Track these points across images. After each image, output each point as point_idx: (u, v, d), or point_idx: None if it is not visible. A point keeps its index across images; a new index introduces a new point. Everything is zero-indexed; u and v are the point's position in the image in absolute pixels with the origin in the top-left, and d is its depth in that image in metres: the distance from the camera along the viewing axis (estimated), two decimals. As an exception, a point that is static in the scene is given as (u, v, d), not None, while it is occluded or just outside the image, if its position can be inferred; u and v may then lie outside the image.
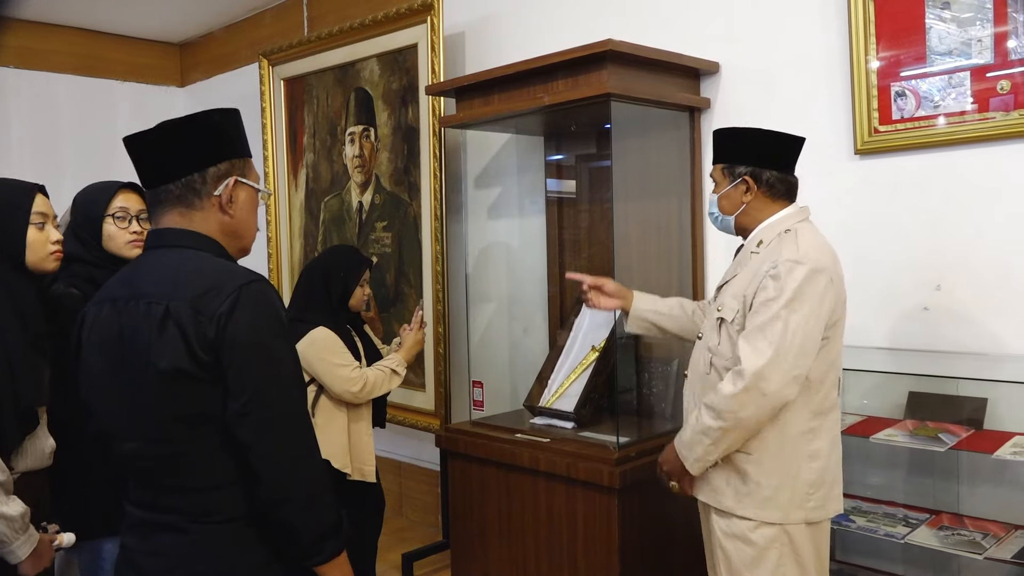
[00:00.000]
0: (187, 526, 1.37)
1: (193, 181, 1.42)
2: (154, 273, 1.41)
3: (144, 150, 1.44)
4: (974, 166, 2.40)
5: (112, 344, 1.39)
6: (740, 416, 1.92)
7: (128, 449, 1.40)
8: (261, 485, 1.36)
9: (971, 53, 2.37)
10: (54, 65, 5.17)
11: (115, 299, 1.42)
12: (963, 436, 2.25)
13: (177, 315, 1.32)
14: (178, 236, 1.43)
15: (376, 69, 3.87)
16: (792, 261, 1.92)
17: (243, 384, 1.33)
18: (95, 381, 1.44)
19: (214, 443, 1.36)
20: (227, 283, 1.35)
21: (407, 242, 3.76)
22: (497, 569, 2.97)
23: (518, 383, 3.45)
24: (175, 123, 1.43)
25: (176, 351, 1.32)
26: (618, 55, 2.61)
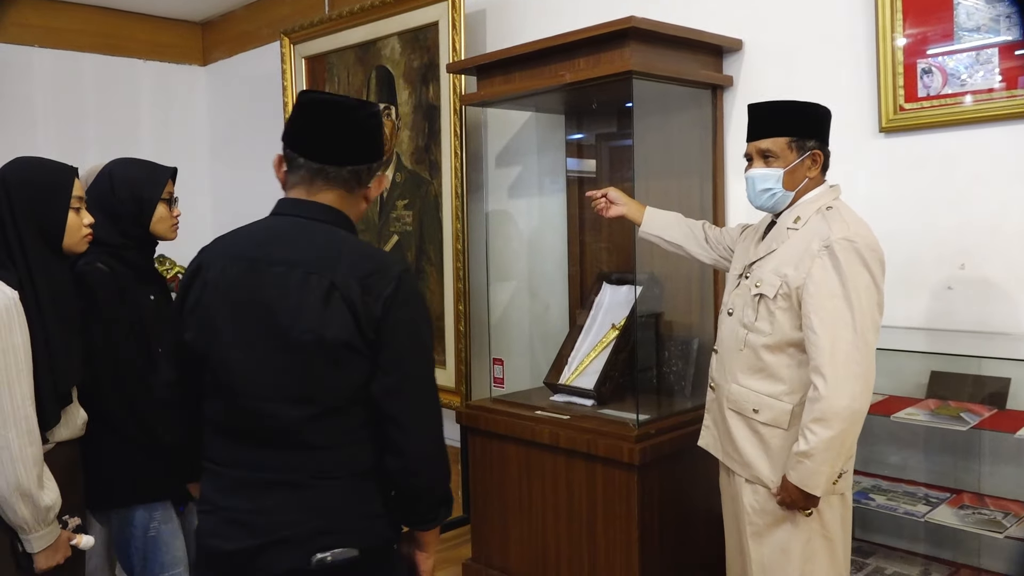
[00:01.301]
0: (311, 482, 1.44)
1: (361, 171, 1.52)
2: (306, 243, 1.46)
3: (324, 121, 1.48)
4: (1001, 144, 2.37)
5: (253, 303, 1.44)
6: (853, 409, 1.86)
7: (259, 407, 1.44)
8: (401, 455, 1.46)
9: (999, 29, 2.33)
10: (78, 44, 5.20)
11: (254, 259, 1.46)
12: (985, 416, 2.24)
13: (345, 290, 1.40)
14: (332, 215, 1.50)
15: (397, 47, 3.86)
16: (847, 239, 1.90)
17: (398, 362, 1.44)
18: (225, 335, 1.46)
19: (351, 409, 1.45)
20: (390, 267, 1.46)
21: (428, 220, 3.77)
22: (517, 545, 3.01)
23: (538, 361, 3.47)
24: (366, 110, 1.52)
25: (344, 324, 1.40)
26: (640, 32, 2.60)
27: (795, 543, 2.00)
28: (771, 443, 2.01)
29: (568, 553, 2.83)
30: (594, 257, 3.42)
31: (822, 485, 1.91)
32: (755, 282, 2.06)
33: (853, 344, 1.87)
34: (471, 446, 3.18)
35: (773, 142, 2.04)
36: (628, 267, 3.18)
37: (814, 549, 2.00)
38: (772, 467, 2.01)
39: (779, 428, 2.00)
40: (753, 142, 2.08)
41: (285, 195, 1.54)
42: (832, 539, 2.02)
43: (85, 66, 5.24)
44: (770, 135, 2.04)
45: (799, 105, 2.09)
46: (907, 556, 2.49)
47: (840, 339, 1.87)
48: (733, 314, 2.14)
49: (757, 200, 2.09)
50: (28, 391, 1.73)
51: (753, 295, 2.05)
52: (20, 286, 1.75)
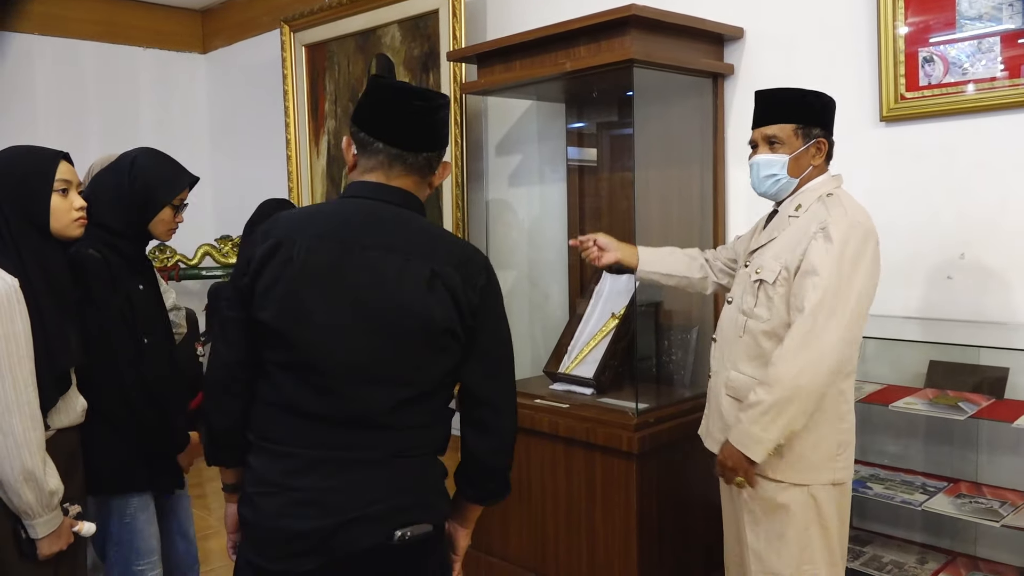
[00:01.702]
0: (391, 461, 1.46)
1: (432, 159, 1.54)
2: (398, 228, 1.48)
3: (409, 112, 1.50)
4: (1002, 134, 2.37)
5: (345, 284, 1.44)
6: (799, 383, 1.87)
7: (347, 389, 1.45)
8: (493, 435, 1.54)
9: (1002, 18, 2.33)
10: (78, 32, 5.19)
11: (346, 240, 1.46)
12: (983, 405, 2.25)
13: (446, 279, 1.44)
14: (411, 200, 1.53)
15: (397, 35, 3.85)
16: (847, 224, 1.92)
17: (491, 348, 1.52)
18: (310, 315, 1.44)
19: (442, 392, 1.50)
20: (478, 256, 1.53)
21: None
22: (516, 533, 3.02)
23: (538, 349, 3.48)
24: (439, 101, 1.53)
25: (447, 311, 1.44)
26: (641, 20, 2.59)
27: (791, 531, 2.01)
28: None
29: (567, 541, 2.84)
30: (594, 246, 3.41)
31: (752, 448, 1.93)
32: (755, 268, 2.07)
33: (827, 325, 1.87)
34: (471, 434, 3.18)
35: (780, 128, 2.04)
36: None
37: (811, 537, 2.01)
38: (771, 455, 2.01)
39: None
40: (759, 128, 2.09)
41: (355, 178, 1.55)
42: (828, 527, 2.03)
43: (85, 54, 5.23)
44: (776, 121, 2.05)
45: (806, 93, 2.09)
46: (904, 544, 2.50)
47: (818, 317, 1.88)
48: (733, 302, 2.15)
49: (761, 186, 2.09)
50: (30, 377, 1.74)
51: (753, 281, 2.06)
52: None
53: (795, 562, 2.01)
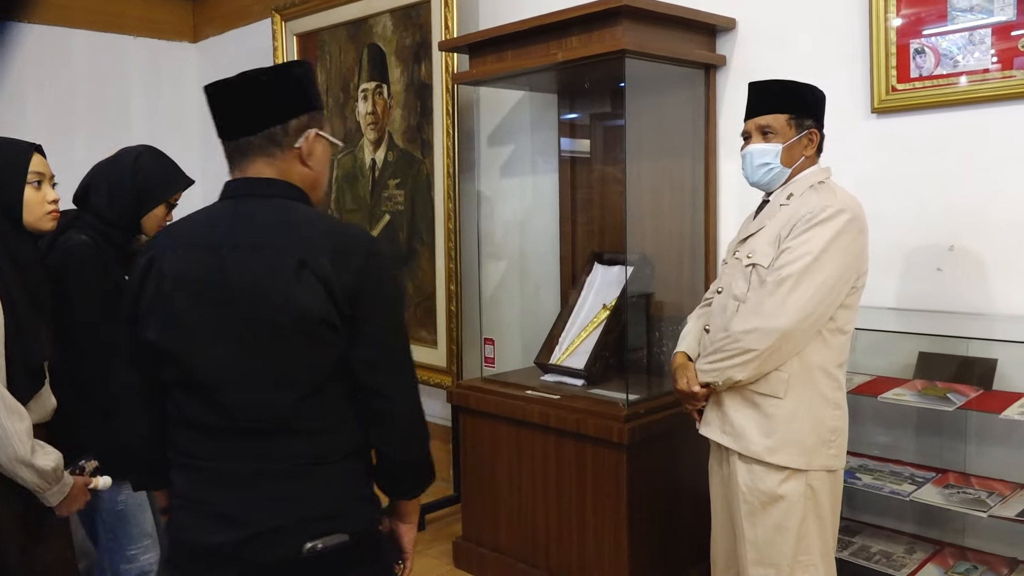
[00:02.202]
0: (297, 470, 1.40)
1: (275, 133, 1.44)
2: (265, 222, 1.41)
3: (226, 100, 1.45)
4: (993, 126, 2.37)
5: (216, 292, 1.38)
6: (747, 345, 1.96)
7: (234, 398, 1.39)
8: (386, 426, 1.45)
9: (993, 10, 2.33)
10: (68, 20, 5.15)
11: (213, 245, 1.40)
12: (972, 396, 2.25)
13: (315, 267, 1.36)
14: (275, 186, 1.44)
15: (389, 25, 3.84)
16: (833, 208, 1.95)
17: (377, 335, 1.42)
18: (189, 329, 1.40)
19: (331, 389, 1.42)
20: (359, 238, 1.43)
21: (420, 200, 3.76)
22: (507, 523, 3.02)
23: (529, 340, 3.48)
24: (258, 74, 1.44)
25: (320, 301, 1.36)
26: (633, 11, 2.58)
27: (790, 522, 2.01)
28: (767, 411, 2.02)
29: (557, 531, 2.85)
30: (586, 237, 3.41)
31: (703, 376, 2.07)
32: (747, 253, 2.09)
33: (788, 296, 1.92)
34: (462, 425, 3.19)
35: (773, 118, 2.07)
36: (620, 247, 3.17)
37: (808, 528, 2.02)
38: (767, 437, 2.02)
39: (775, 397, 2.01)
40: (752, 119, 2.11)
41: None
42: (824, 517, 2.04)
43: (75, 42, 5.19)
44: (770, 111, 2.08)
45: (798, 85, 2.11)
46: (893, 535, 2.51)
47: (782, 286, 1.92)
48: (723, 291, 2.16)
49: (754, 175, 2.11)
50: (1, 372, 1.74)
51: (745, 265, 2.08)
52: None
53: (793, 553, 2.02)
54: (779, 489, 2.01)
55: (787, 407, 2.00)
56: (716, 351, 2.04)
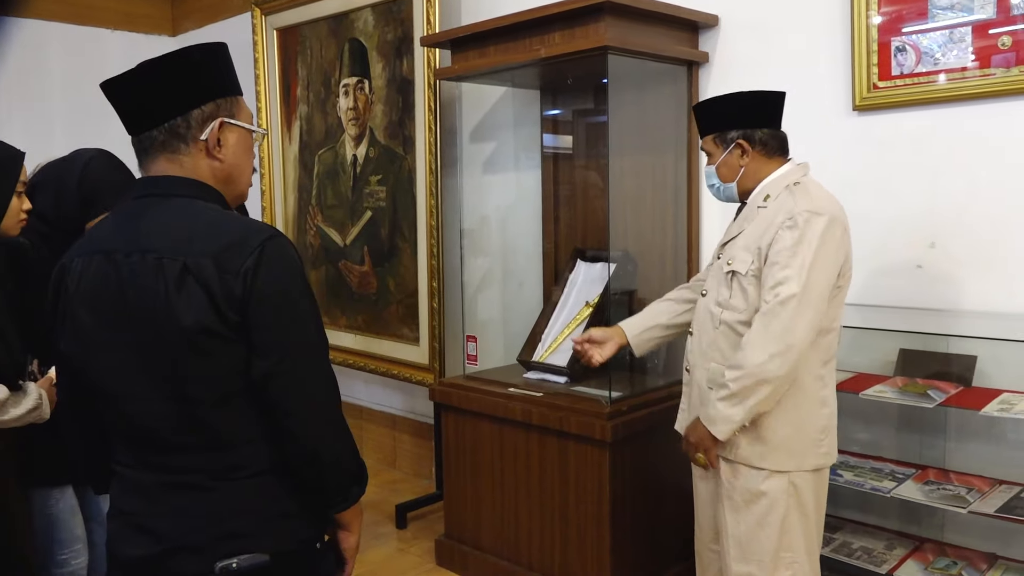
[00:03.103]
0: (211, 484, 1.33)
1: (176, 125, 1.34)
2: (157, 225, 1.32)
3: (124, 95, 1.35)
4: (973, 123, 2.38)
5: (111, 299, 1.31)
6: (767, 370, 1.91)
7: (136, 409, 1.33)
8: (294, 442, 1.35)
9: (973, 8, 2.33)
10: (43, 12, 5.06)
11: (109, 251, 1.32)
12: (952, 393, 2.27)
13: (198, 272, 1.26)
14: (175, 184, 1.35)
15: (370, 19, 3.80)
16: (810, 212, 1.94)
17: (272, 343, 1.30)
18: (89, 338, 1.34)
19: (238, 401, 1.32)
20: (249, 238, 1.30)
21: (401, 196, 3.74)
22: (489, 521, 3.01)
23: (512, 338, 3.47)
24: (152, 64, 1.33)
25: (201, 309, 1.26)
26: (615, 7, 2.57)
27: (773, 517, 2.01)
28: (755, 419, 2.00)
29: (540, 529, 2.84)
30: (569, 234, 3.40)
31: (718, 427, 1.99)
32: (727, 260, 2.08)
33: (794, 314, 1.90)
34: (444, 423, 3.17)
35: (704, 142, 2.17)
36: (603, 244, 3.17)
37: (791, 523, 2.02)
38: (754, 444, 2.01)
39: None
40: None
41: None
42: (807, 514, 2.04)
43: (51, 35, 5.11)
44: (702, 135, 2.17)
45: (716, 101, 2.16)
46: (874, 531, 2.53)
47: (786, 306, 1.91)
48: (708, 294, 2.15)
49: (712, 194, 2.22)
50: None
51: (725, 272, 2.08)
52: None
53: (775, 549, 2.02)
54: (762, 486, 2.01)
55: (775, 413, 1.99)
56: (734, 394, 1.95)
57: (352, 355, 4.05)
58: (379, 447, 4.45)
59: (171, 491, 1.34)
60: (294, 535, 1.39)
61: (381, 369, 3.93)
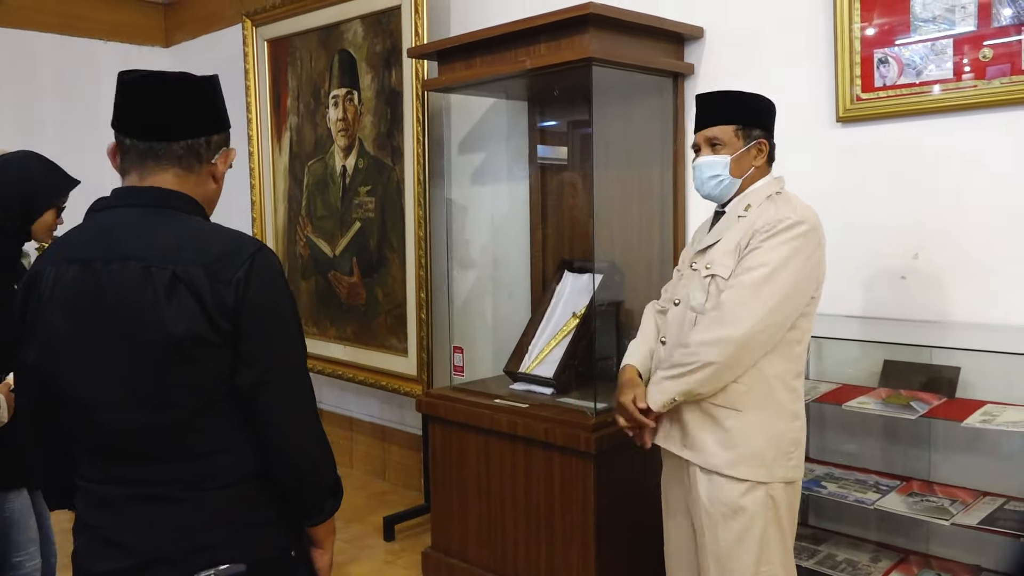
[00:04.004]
0: (185, 495, 1.32)
1: (199, 145, 1.38)
2: (142, 234, 1.32)
3: (152, 97, 1.36)
4: (955, 135, 2.39)
5: (88, 307, 1.30)
6: (707, 358, 1.94)
7: (110, 419, 1.32)
8: (276, 451, 1.36)
9: (955, 20, 2.35)
10: (35, 23, 5.08)
11: (88, 259, 1.32)
12: (935, 404, 2.26)
13: (189, 280, 1.27)
14: (174, 199, 1.36)
15: (360, 31, 3.82)
16: (793, 219, 1.94)
17: (261, 352, 1.32)
18: (62, 346, 1.33)
19: (219, 409, 1.33)
20: (239, 249, 1.32)
21: (390, 207, 3.74)
22: (475, 533, 3.00)
23: (500, 348, 3.46)
24: (197, 81, 1.38)
25: (193, 317, 1.27)
26: (600, 19, 2.58)
27: (751, 533, 1.99)
28: (725, 424, 2.00)
29: (526, 541, 2.83)
30: (556, 245, 3.41)
31: (654, 397, 2.04)
32: (706, 264, 2.07)
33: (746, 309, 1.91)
34: (431, 435, 3.16)
35: (721, 130, 2.06)
36: (590, 255, 3.17)
37: (769, 537, 2.01)
38: (727, 451, 2.00)
39: (733, 409, 2.00)
40: (701, 131, 2.10)
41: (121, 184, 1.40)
42: (783, 527, 2.04)
43: (43, 47, 5.12)
44: (717, 123, 2.07)
45: (745, 95, 2.10)
46: (858, 543, 2.52)
47: (740, 299, 1.92)
48: (680, 304, 2.13)
49: (704, 188, 2.11)
50: None
51: (704, 277, 2.06)
52: None
53: (755, 563, 2.01)
54: (741, 500, 1.99)
55: (746, 420, 1.99)
56: (674, 365, 2.01)
57: (341, 366, 4.04)
58: (369, 459, 4.43)
59: (142, 503, 1.33)
60: (271, 543, 1.40)
61: (370, 380, 3.92)
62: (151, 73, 1.37)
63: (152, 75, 1.37)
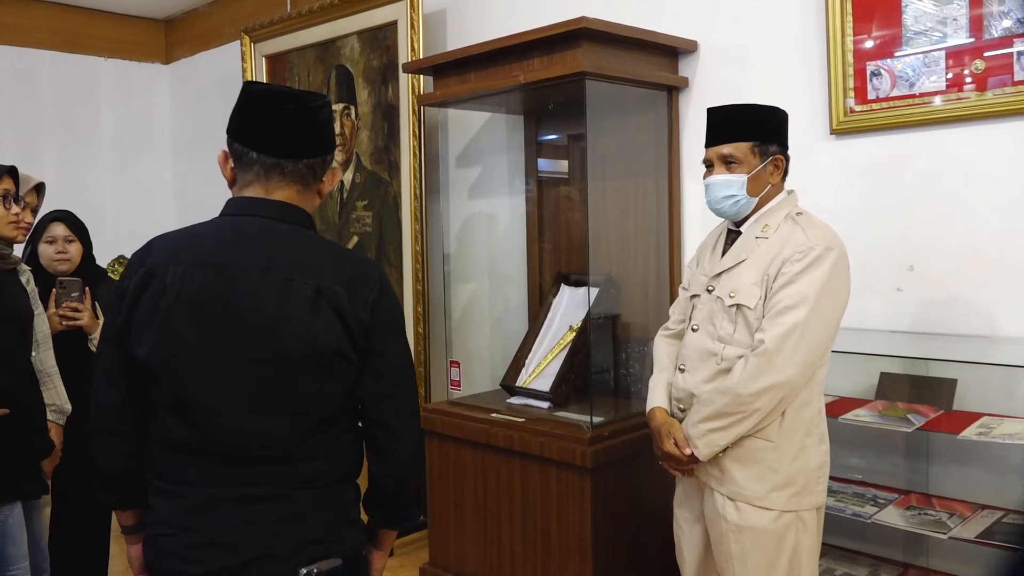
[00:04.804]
0: (293, 494, 1.39)
1: (316, 164, 1.45)
2: (278, 246, 1.39)
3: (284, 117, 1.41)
4: (948, 146, 2.39)
5: (218, 312, 1.35)
6: (758, 406, 1.88)
7: (225, 422, 1.36)
8: (392, 459, 1.47)
9: (947, 33, 2.35)
10: (36, 41, 5.11)
11: (220, 265, 1.36)
12: (932, 417, 2.25)
13: (332, 297, 1.36)
14: (295, 214, 1.44)
15: (356, 46, 3.83)
16: (822, 247, 1.88)
17: (387, 367, 1.43)
18: (182, 348, 1.35)
19: (343, 417, 1.43)
20: (370, 271, 1.44)
21: (387, 221, 3.74)
22: (473, 548, 2.99)
23: (498, 362, 3.46)
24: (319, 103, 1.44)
25: (336, 332, 1.36)
26: (592, 33, 2.59)
27: (782, 559, 1.94)
28: (757, 456, 1.94)
29: (523, 556, 2.82)
30: (553, 258, 3.40)
31: (701, 449, 1.96)
32: (728, 292, 1.98)
33: (795, 351, 1.85)
34: (428, 449, 3.15)
35: (736, 147, 1.97)
36: (586, 268, 3.17)
37: (799, 561, 1.96)
38: (758, 482, 1.94)
39: (766, 440, 1.94)
40: (714, 147, 2.01)
41: (235, 194, 1.45)
42: (812, 550, 1.99)
43: (43, 64, 5.15)
44: (733, 140, 1.98)
45: (761, 109, 2.02)
46: (856, 556, 2.50)
47: (788, 342, 1.85)
48: (699, 330, 2.05)
49: (719, 207, 2.02)
50: None
51: (729, 306, 1.98)
52: None
53: None
54: (772, 526, 1.93)
55: (778, 450, 1.93)
56: (721, 415, 1.91)
57: (339, 380, 4.03)
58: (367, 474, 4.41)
59: (253, 503, 1.38)
60: (358, 540, 1.50)
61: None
62: (284, 91, 1.45)
63: (282, 92, 1.44)
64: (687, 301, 2.17)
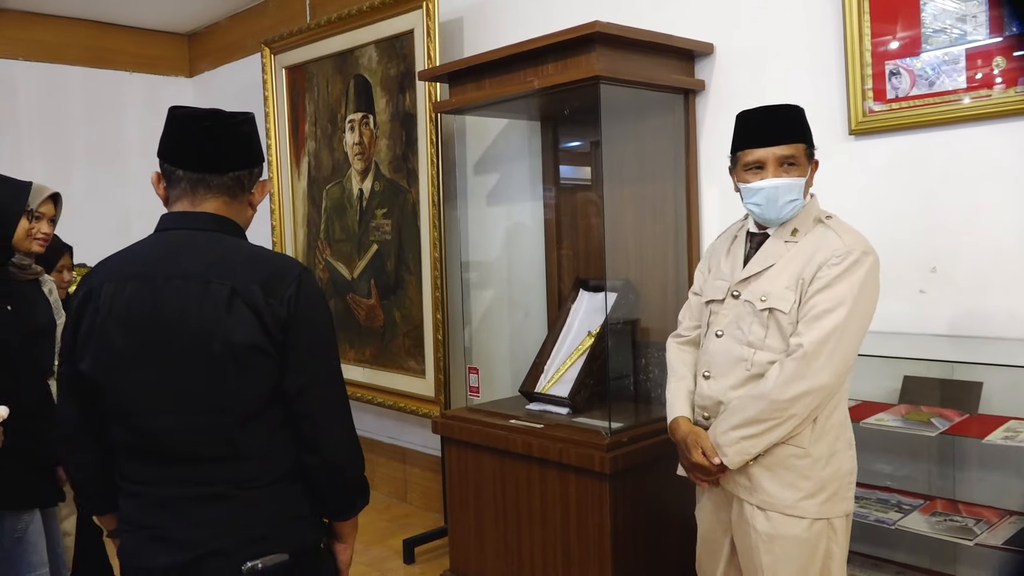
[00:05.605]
0: (235, 493, 1.45)
1: (242, 176, 1.53)
2: (199, 253, 1.46)
3: (204, 133, 1.48)
4: (969, 145, 2.35)
5: (147, 321, 1.43)
6: (794, 412, 1.85)
7: (166, 424, 1.44)
8: (318, 451, 1.50)
9: (966, 30, 2.31)
10: (64, 57, 5.22)
11: (147, 276, 1.45)
12: (956, 421, 2.21)
13: (247, 295, 1.42)
14: (220, 223, 1.51)
15: (374, 56, 3.86)
16: (859, 251, 1.86)
17: (308, 361, 1.47)
18: (118, 358, 1.44)
19: (271, 413, 1.47)
20: (288, 269, 1.48)
21: (406, 229, 3.76)
22: (493, 554, 2.98)
23: (517, 368, 3.45)
24: (242, 119, 1.52)
25: (251, 329, 1.41)
26: (606, 37, 2.58)
27: (813, 568, 1.92)
28: (788, 462, 1.91)
29: (542, 563, 2.80)
30: (572, 263, 3.39)
31: (731, 457, 1.92)
32: (760, 297, 1.93)
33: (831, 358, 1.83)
34: (448, 456, 3.15)
35: (796, 148, 1.91)
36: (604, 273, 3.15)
37: (829, 569, 1.93)
38: (788, 488, 1.91)
39: (798, 447, 1.90)
40: (770, 148, 1.91)
41: (168, 210, 1.54)
42: (842, 556, 1.96)
43: (71, 79, 5.26)
44: (791, 140, 1.91)
45: (800, 109, 1.98)
46: (881, 563, 2.45)
47: (825, 348, 1.83)
48: (724, 335, 2.01)
49: (780, 212, 1.93)
50: None
51: (760, 310, 1.93)
52: None
53: None
54: (805, 535, 1.90)
55: (810, 458, 1.90)
56: (756, 421, 1.87)
57: (360, 388, 4.05)
58: (389, 480, 4.43)
59: (195, 503, 1.45)
60: (307, 535, 1.54)
61: (388, 402, 3.92)
62: (203, 111, 1.50)
63: (205, 113, 1.50)
64: (701, 307, 2.14)
